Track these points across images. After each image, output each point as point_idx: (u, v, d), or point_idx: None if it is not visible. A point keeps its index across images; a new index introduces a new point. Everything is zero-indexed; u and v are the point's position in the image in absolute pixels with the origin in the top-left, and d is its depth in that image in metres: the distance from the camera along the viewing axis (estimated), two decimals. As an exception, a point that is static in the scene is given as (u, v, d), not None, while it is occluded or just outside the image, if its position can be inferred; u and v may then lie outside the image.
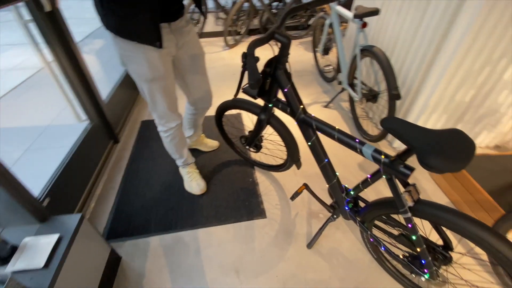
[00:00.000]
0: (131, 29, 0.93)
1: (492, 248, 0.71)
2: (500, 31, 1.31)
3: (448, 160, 0.63)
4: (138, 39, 0.96)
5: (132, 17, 0.90)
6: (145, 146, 1.89)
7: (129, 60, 1.03)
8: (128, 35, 0.95)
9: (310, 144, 1.05)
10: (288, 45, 0.92)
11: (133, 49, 0.99)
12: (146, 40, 0.96)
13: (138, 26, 0.92)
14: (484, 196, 1.33)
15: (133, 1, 0.87)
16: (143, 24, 0.92)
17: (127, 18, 0.90)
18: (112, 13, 0.90)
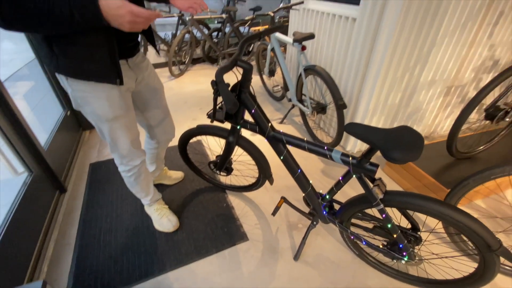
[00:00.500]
0: (87, 69, 0.87)
1: (453, 220, 0.84)
2: (411, 44, 1.63)
3: (408, 152, 0.75)
4: (96, 79, 0.90)
5: (88, 57, 0.85)
6: (99, 191, 1.70)
7: (86, 102, 0.96)
8: (84, 76, 0.88)
9: (282, 158, 1.11)
10: (250, 71, 0.99)
11: (90, 89, 0.93)
12: (105, 78, 0.91)
13: (95, 65, 0.87)
14: (429, 179, 1.56)
15: (89, 40, 0.82)
16: (101, 62, 0.87)
17: (82, 58, 0.84)
18: (64, 55, 0.84)
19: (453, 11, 1.59)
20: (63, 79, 0.91)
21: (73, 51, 0.83)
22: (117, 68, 0.91)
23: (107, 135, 1.06)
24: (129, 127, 1.09)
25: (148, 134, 1.38)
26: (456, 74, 1.97)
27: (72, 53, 0.83)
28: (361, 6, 1.67)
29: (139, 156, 1.19)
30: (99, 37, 0.83)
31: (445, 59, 1.82)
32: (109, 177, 1.81)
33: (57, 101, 2.06)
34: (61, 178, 1.67)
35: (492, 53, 1.97)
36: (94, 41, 0.83)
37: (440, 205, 0.85)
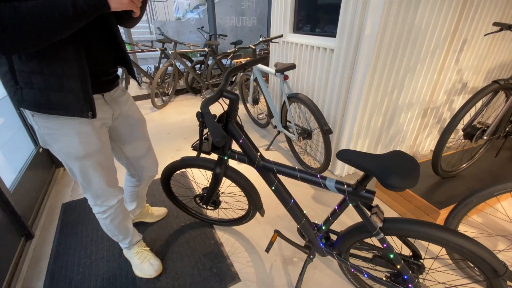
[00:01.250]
0: (55, 102, 0.79)
1: (456, 246, 0.80)
2: (388, 70, 1.71)
3: (406, 178, 0.72)
4: (65, 112, 0.82)
5: (57, 88, 0.78)
6: (71, 235, 1.53)
7: (54, 139, 0.87)
8: (52, 110, 0.80)
9: (273, 188, 1.05)
10: (237, 101, 0.96)
11: (59, 125, 0.85)
12: (75, 112, 0.82)
13: (64, 97, 0.79)
14: (420, 200, 1.55)
15: (59, 70, 0.76)
16: (71, 94, 0.80)
17: (50, 89, 0.77)
18: (30, 86, 0.77)
19: (422, 40, 1.71)
20: (29, 115, 0.84)
21: (39, 82, 0.76)
22: (89, 100, 0.84)
23: (78, 174, 0.96)
24: (103, 165, 0.99)
25: (127, 172, 1.28)
26: (430, 97, 2.08)
27: (38, 84, 0.76)
28: (338, 38, 1.76)
29: (115, 195, 1.09)
30: (71, 66, 0.77)
31: (419, 84, 1.92)
32: (83, 218, 1.65)
33: (28, 137, 1.92)
34: (28, 222, 1.50)
35: (460, 77, 2.11)
36: (65, 70, 0.77)
37: (442, 230, 0.81)
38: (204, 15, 7.35)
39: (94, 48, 0.85)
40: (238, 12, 7.24)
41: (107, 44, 0.90)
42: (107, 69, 0.93)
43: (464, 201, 1.12)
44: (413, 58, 1.75)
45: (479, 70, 2.19)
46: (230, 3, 7.16)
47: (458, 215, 1.13)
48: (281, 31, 2.47)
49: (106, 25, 0.87)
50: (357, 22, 1.58)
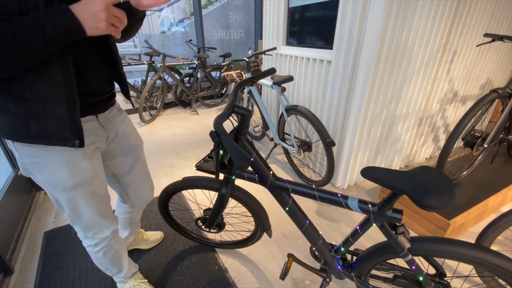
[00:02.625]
0: (36, 130, 0.68)
1: (489, 264, 0.75)
2: (386, 82, 1.71)
3: (443, 197, 0.67)
4: (46, 142, 0.71)
5: (39, 115, 0.67)
6: (55, 268, 1.37)
7: (38, 168, 0.76)
8: (31, 138, 0.69)
9: (288, 209, 0.97)
10: (249, 117, 0.89)
11: (44, 153, 0.73)
12: (60, 140, 0.71)
13: (47, 125, 0.69)
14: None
15: (43, 94, 0.65)
16: (56, 121, 0.69)
17: (30, 116, 0.67)
18: (5, 113, 0.66)
19: (417, 51, 1.73)
20: (9, 143, 0.72)
21: (17, 108, 0.65)
22: (77, 127, 0.73)
23: (66, 206, 0.84)
24: (95, 195, 0.87)
25: (120, 198, 1.15)
26: (425, 107, 2.11)
27: (16, 110, 0.65)
28: (335, 51, 1.75)
29: (108, 226, 0.96)
30: (57, 89, 0.66)
31: (414, 94, 1.94)
32: (69, 248, 1.48)
33: (5, 159, 1.74)
34: (5, 256, 1.32)
35: (451, 86, 2.16)
36: (50, 94, 0.66)
37: (473, 249, 0.76)
38: (190, 28, 7.34)
39: (87, 66, 0.74)
40: (224, 25, 7.29)
41: (102, 61, 0.80)
42: (102, 89, 0.83)
43: (506, 215, 1.06)
44: (409, 69, 1.77)
45: (468, 79, 2.26)
46: (215, 17, 7.21)
47: (497, 231, 1.07)
48: (274, 44, 2.46)
49: (101, 40, 0.78)
50: (355, 36, 1.58)
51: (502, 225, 1.06)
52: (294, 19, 2.19)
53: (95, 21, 0.58)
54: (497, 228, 1.07)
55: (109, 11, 0.59)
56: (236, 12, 7.33)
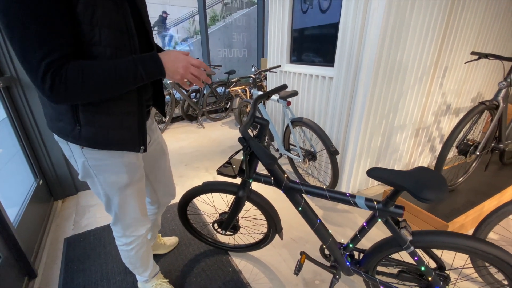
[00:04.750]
0: (112, 138, 0.82)
1: (483, 253, 0.85)
2: (384, 95, 1.86)
3: (437, 191, 0.79)
4: (120, 148, 0.84)
5: (117, 126, 0.81)
6: (78, 271, 1.44)
7: (101, 170, 0.88)
8: (108, 146, 0.83)
9: (300, 209, 1.08)
10: (267, 126, 1.02)
11: (108, 156, 0.86)
12: (129, 146, 0.86)
13: (122, 134, 0.83)
14: (426, 214, 1.62)
15: (122, 109, 0.80)
16: (128, 131, 0.84)
17: (109, 127, 0.80)
18: (92, 124, 0.78)
19: (411, 67, 1.90)
20: (76, 149, 0.84)
21: (102, 120, 0.79)
22: (144, 136, 0.89)
23: (117, 204, 0.95)
24: (141, 192, 1.01)
25: (149, 199, 1.27)
26: (421, 118, 2.25)
27: (101, 122, 0.79)
28: (336, 68, 1.92)
29: (144, 224, 1.07)
30: (133, 105, 0.82)
31: (410, 107, 2.09)
32: (89, 253, 1.56)
33: (28, 169, 1.85)
34: (30, 260, 1.40)
35: (444, 99, 2.32)
36: (127, 109, 0.81)
37: (469, 239, 0.87)
38: (194, 47, 7.65)
39: (145, 86, 0.89)
40: (226, 44, 7.62)
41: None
42: (149, 103, 0.97)
43: (499, 210, 1.16)
44: (404, 84, 1.93)
45: (459, 93, 2.43)
46: (218, 36, 7.55)
47: (490, 224, 1.18)
48: (278, 62, 2.64)
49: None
50: (355, 54, 1.74)
51: (493, 219, 1.17)
52: (297, 39, 2.38)
53: (174, 73, 0.77)
54: (489, 222, 1.18)
55: (187, 69, 0.78)
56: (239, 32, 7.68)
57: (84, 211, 1.95)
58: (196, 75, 0.80)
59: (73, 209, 1.97)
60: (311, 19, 2.15)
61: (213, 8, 7.89)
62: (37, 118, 1.82)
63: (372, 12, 1.60)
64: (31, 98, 1.76)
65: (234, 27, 7.49)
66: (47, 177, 1.98)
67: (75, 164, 0.89)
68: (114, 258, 1.51)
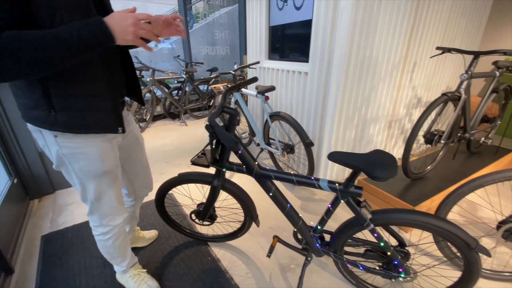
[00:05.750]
0: (90, 121, 0.85)
1: (435, 227, 0.94)
2: (356, 89, 1.95)
3: (387, 170, 0.86)
4: (98, 130, 0.87)
5: (92, 108, 0.84)
6: (56, 266, 1.44)
7: (75, 158, 0.89)
8: (86, 129, 0.85)
9: (271, 194, 1.13)
10: (236, 116, 1.07)
11: (82, 144, 0.88)
12: (107, 128, 0.89)
13: (99, 116, 0.86)
14: (396, 200, 1.72)
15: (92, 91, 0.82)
16: (104, 112, 0.87)
17: (85, 109, 0.83)
18: (68, 108, 0.80)
19: (381, 63, 1.99)
20: (50, 138, 0.85)
21: (76, 104, 0.81)
22: (120, 117, 0.92)
23: (93, 193, 0.97)
24: (117, 181, 1.03)
25: (126, 191, 1.28)
26: (393, 111, 2.37)
27: (75, 106, 0.81)
28: (310, 63, 1.99)
29: (121, 213, 1.09)
30: (102, 87, 0.85)
31: (382, 100, 2.20)
32: (67, 248, 1.56)
33: (1, 167, 1.81)
34: (7, 257, 1.39)
35: (415, 93, 2.45)
36: (97, 91, 0.84)
37: (421, 215, 0.95)
38: (177, 45, 7.58)
39: (115, 70, 0.92)
40: (210, 42, 7.60)
41: (122, 66, 0.98)
42: (122, 90, 1.00)
43: (456, 191, 1.26)
44: (375, 78, 2.03)
45: (429, 87, 2.56)
46: (201, 34, 7.51)
47: (449, 204, 1.28)
48: (258, 58, 2.69)
49: (122, 48, 0.95)
50: (327, 50, 1.82)
51: (451, 200, 1.27)
52: (275, 36, 2.44)
53: (124, 34, 0.70)
54: (447, 203, 1.28)
55: (138, 25, 0.71)
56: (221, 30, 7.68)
57: (62, 209, 1.93)
58: (149, 29, 0.74)
59: (50, 208, 1.95)
60: (286, 16, 2.21)
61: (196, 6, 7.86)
62: (10, 115, 1.79)
63: (340, 9, 1.67)
64: (2, 94, 1.73)
65: (217, 25, 7.49)
66: (22, 176, 1.94)
67: (49, 153, 0.90)
68: (93, 253, 1.52)
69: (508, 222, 1.25)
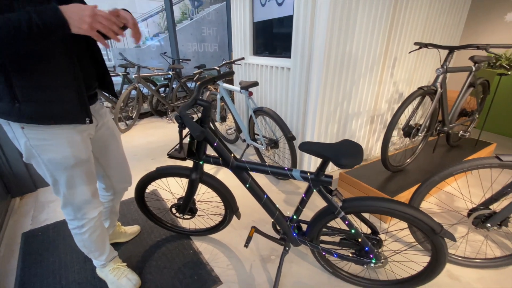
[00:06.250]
0: (55, 113, 0.85)
1: (401, 213, 0.98)
2: (337, 84, 1.98)
3: (352, 158, 0.89)
4: (65, 121, 0.87)
5: (57, 99, 0.84)
6: (36, 262, 1.43)
7: (45, 150, 0.90)
8: (52, 120, 0.85)
9: (248, 186, 1.16)
10: (209, 108, 1.08)
11: (50, 136, 0.88)
12: (74, 119, 0.89)
13: (64, 107, 0.86)
14: (375, 192, 1.77)
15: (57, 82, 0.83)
16: (70, 103, 0.87)
17: (50, 101, 0.83)
18: (32, 100, 0.81)
19: (361, 58, 2.04)
20: (17, 129, 0.85)
21: (39, 95, 0.81)
22: (86, 108, 0.91)
23: (64, 185, 0.97)
24: (90, 174, 1.03)
25: (103, 185, 1.28)
26: (375, 106, 2.42)
27: (39, 97, 0.81)
28: (292, 59, 2.02)
29: (96, 207, 1.09)
30: (67, 78, 0.84)
31: (364, 95, 2.24)
32: (48, 245, 1.55)
33: (-20, 166, 1.78)
34: (-18, 256, 1.37)
35: (396, 88, 2.50)
36: (61, 82, 0.84)
37: (388, 202, 0.99)
38: (165, 42, 7.51)
39: (82, 62, 0.92)
40: (199, 39, 7.56)
41: (90, 59, 0.98)
42: (92, 83, 1.00)
43: (427, 180, 1.31)
44: (356, 73, 2.07)
45: (410, 82, 2.62)
46: (190, 31, 7.46)
47: (422, 193, 1.32)
48: (243, 54, 2.70)
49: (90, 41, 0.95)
50: (307, 46, 1.85)
51: (423, 190, 1.32)
52: (259, 31, 2.45)
53: (80, 23, 0.70)
54: (420, 193, 1.33)
55: (95, 17, 0.71)
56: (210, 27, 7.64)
57: (43, 207, 1.91)
58: (107, 25, 0.73)
59: (32, 205, 1.92)
60: (269, 12, 2.23)
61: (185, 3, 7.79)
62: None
63: (319, 5, 1.70)
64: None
65: (206, 22, 7.45)
66: (2, 174, 1.91)
67: (18, 145, 0.90)
68: (74, 249, 1.51)
69: (478, 210, 1.30)
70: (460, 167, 1.25)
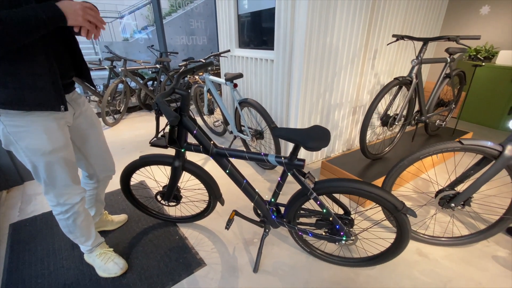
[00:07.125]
0: (29, 99, 0.88)
1: (366, 193, 1.05)
2: (318, 75, 2.05)
3: (319, 142, 0.96)
4: (39, 108, 0.90)
5: (31, 86, 0.87)
6: (24, 251, 1.47)
7: (21, 136, 0.93)
8: (26, 107, 0.89)
9: (228, 171, 1.22)
10: (188, 97, 1.13)
11: (26, 123, 0.92)
12: (49, 106, 0.92)
13: (38, 94, 0.89)
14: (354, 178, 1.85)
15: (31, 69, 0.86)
16: (44, 91, 0.90)
17: (24, 87, 0.86)
18: (5, 85, 0.85)
19: (342, 50, 2.10)
20: None
21: (14, 81, 0.85)
22: (60, 95, 0.95)
23: (43, 171, 1.01)
24: (68, 160, 1.06)
25: (86, 173, 1.32)
26: (356, 97, 2.50)
27: (13, 83, 0.85)
28: (275, 51, 2.06)
29: (78, 193, 1.14)
30: (41, 66, 0.88)
31: (345, 86, 2.31)
32: (35, 235, 1.58)
33: (-36, 159, 1.79)
34: (-30, 245, 1.40)
35: (377, 79, 2.59)
36: (36, 70, 0.87)
37: (354, 182, 1.07)
38: (154, 35, 7.42)
39: (57, 51, 0.95)
40: (187, 32, 7.49)
41: (66, 49, 1.01)
42: (67, 72, 1.03)
43: (397, 164, 1.39)
44: (337, 65, 2.13)
45: (392, 73, 2.71)
46: (179, 24, 7.38)
47: (393, 177, 1.41)
48: (229, 47, 2.73)
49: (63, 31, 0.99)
50: (288, 38, 1.90)
51: (393, 173, 1.41)
52: (243, 24, 2.48)
53: (75, 15, 0.82)
54: (391, 176, 1.42)
55: (85, 11, 0.84)
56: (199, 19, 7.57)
57: (31, 199, 1.94)
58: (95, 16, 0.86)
59: (19, 198, 1.94)
60: (253, 4, 2.26)
61: (173, -5, 7.68)
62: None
63: (299, -3, 1.75)
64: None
65: (195, 15, 7.38)
66: (-13, 167, 1.92)
67: None
68: (61, 237, 1.56)
69: (443, 191, 1.40)
70: (426, 151, 1.34)
